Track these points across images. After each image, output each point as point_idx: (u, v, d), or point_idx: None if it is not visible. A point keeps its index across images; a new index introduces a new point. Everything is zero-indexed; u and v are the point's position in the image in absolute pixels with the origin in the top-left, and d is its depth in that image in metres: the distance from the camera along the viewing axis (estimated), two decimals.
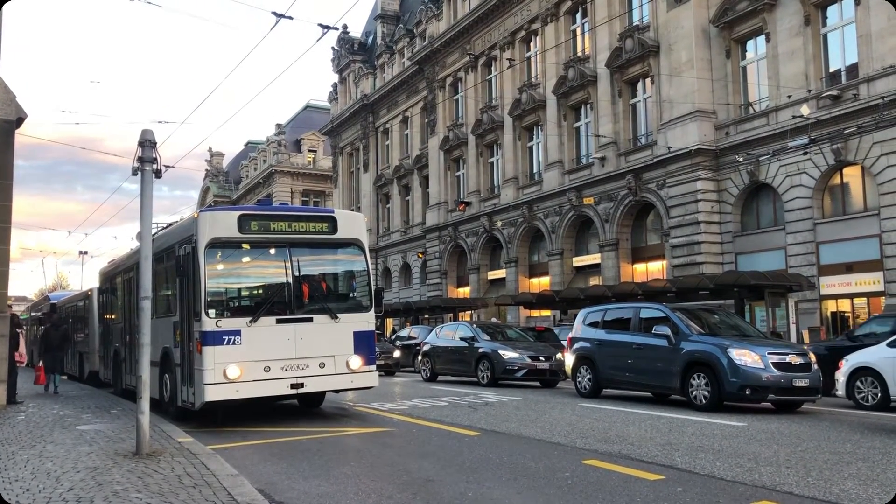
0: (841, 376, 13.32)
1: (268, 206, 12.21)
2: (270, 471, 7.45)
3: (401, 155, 48.08)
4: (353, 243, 11.69)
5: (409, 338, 27.55)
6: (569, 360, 15.50)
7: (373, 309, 11.58)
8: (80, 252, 45.30)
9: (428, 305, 37.19)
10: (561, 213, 32.45)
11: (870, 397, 12.83)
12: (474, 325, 20.70)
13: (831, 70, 23.11)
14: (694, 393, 12.31)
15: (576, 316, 16.48)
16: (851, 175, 22.62)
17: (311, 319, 10.83)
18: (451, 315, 36.85)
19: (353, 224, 11.81)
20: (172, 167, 16.56)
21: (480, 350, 18.44)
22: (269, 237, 11.01)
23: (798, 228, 23.25)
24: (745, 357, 11.88)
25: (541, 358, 17.76)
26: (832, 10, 23.13)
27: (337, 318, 11.01)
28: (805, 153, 21.69)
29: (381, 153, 50.95)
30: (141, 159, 8.49)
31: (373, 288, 11.75)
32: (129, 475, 6.73)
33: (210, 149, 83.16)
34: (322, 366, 10.80)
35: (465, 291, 40.01)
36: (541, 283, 34.47)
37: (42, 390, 16.88)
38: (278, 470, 7.48)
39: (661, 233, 28.09)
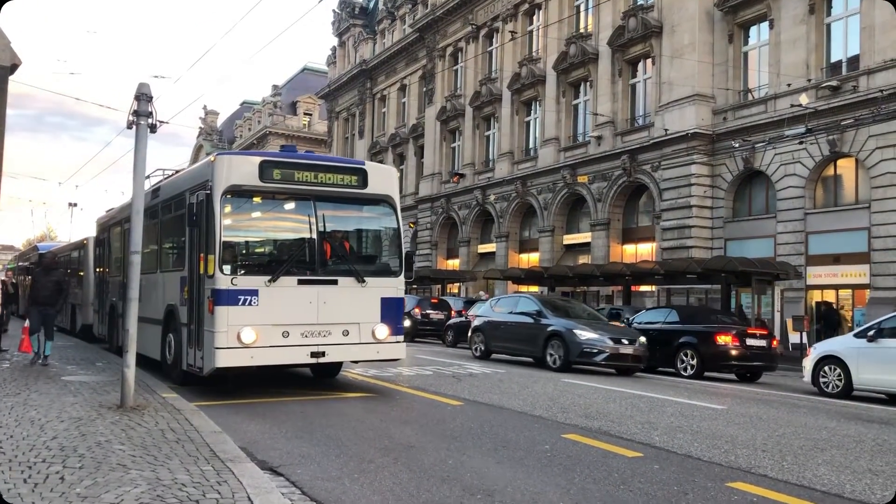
0: (808, 363, 13.64)
1: (292, 153, 10.81)
2: (253, 430, 7.51)
3: (397, 123, 47.82)
4: (383, 200, 10.63)
5: None
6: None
7: (402, 274, 10.63)
8: (70, 204, 44.93)
9: (417, 276, 37.23)
10: (554, 190, 32.44)
11: (833, 385, 13.08)
12: (539, 299, 18.01)
13: (832, 60, 23.07)
14: None
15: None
16: (845, 167, 22.69)
17: (335, 282, 9.92)
18: (438, 286, 36.93)
19: (384, 178, 10.73)
20: (167, 122, 16.29)
21: (551, 328, 15.82)
22: (293, 187, 9.92)
23: (789, 217, 23.36)
24: None
25: (623, 341, 15.38)
26: (837, 0, 23.03)
27: (364, 281, 10.07)
28: (801, 143, 21.73)
29: (378, 120, 50.65)
30: (136, 113, 8.43)
31: (403, 251, 10.81)
32: (113, 427, 6.78)
33: (205, 107, 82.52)
34: (346, 333, 9.91)
35: (454, 264, 40.06)
36: (530, 259, 34.56)
37: (28, 360, 12.65)
38: (261, 429, 7.54)
39: (652, 215, 28.16)
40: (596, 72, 30.57)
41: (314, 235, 9.93)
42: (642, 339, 15.70)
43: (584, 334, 15.27)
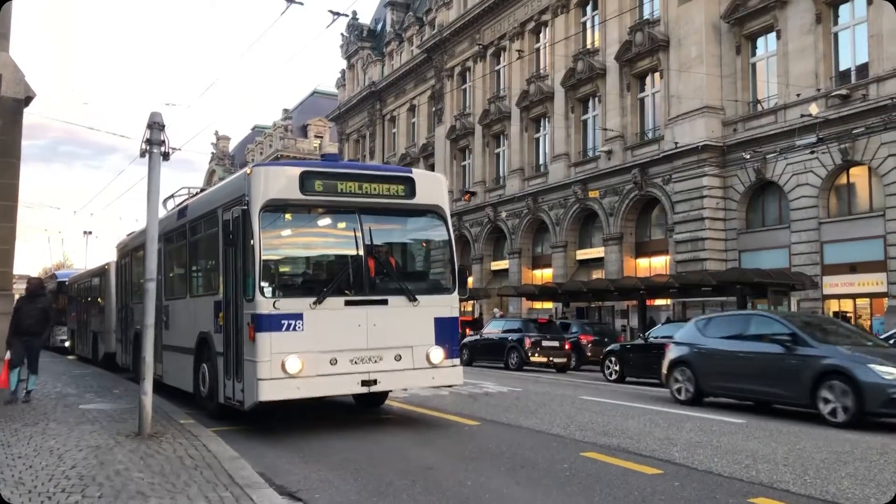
0: None
1: (334, 162, 9.91)
2: (270, 454, 7.51)
3: (407, 143, 48.04)
4: (432, 210, 9.76)
5: None
6: None
7: (456, 291, 9.76)
8: (85, 232, 45.43)
9: None
10: (566, 206, 32.43)
11: None
12: (788, 318, 12.14)
13: (841, 69, 23.01)
14: None
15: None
16: (858, 175, 22.56)
17: (385, 302, 9.03)
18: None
19: (433, 187, 9.84)
20: (179, 150, 16.30)
21: (826, 362, 10.58)
22: (336, 200, 9.08)
23: (803, 227, 23.21)
24: None
25: None
26: (844, 9, 23.00)
27: (416, 300, 9.18)
28: (812, 152, 21.65)
29: (388, 141, 50.90)
30: (149, 141, 8.51)
31: (456, 265, 9.88)
32: (131, 455, 6.79)
33: (216, 132, 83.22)
34: (398, 358, 9.02)
35: (468, 282, 39.98)
36: (543, 276, 34.49)
37: (8, 396, 10.96)
38: (278, 454, 7.54)
39: (665, 228, 28.08)
40: (604, 87, 30.64)
41: (361, 251, 9.04)
42: None
43: (890, 371, 10.05)
